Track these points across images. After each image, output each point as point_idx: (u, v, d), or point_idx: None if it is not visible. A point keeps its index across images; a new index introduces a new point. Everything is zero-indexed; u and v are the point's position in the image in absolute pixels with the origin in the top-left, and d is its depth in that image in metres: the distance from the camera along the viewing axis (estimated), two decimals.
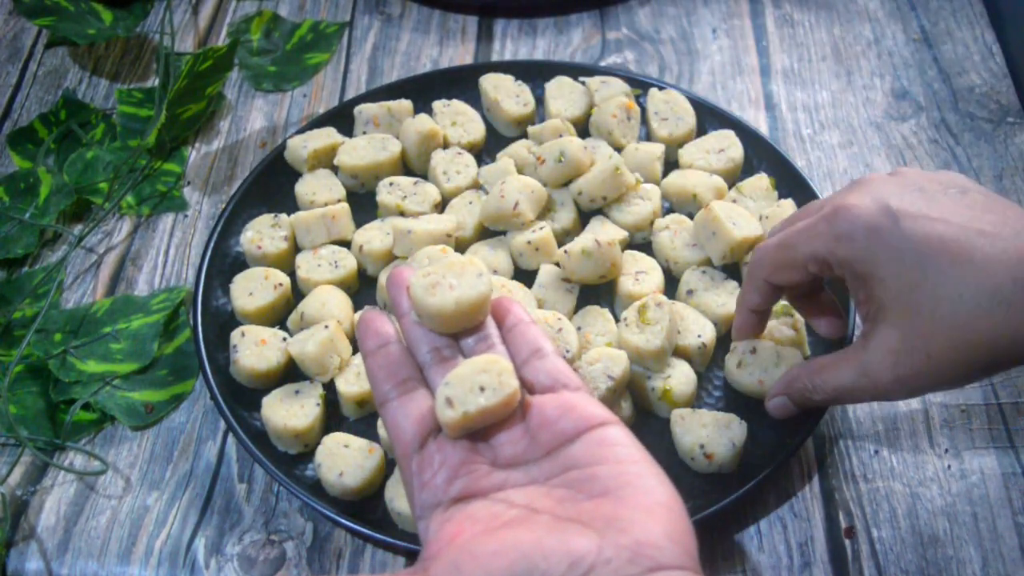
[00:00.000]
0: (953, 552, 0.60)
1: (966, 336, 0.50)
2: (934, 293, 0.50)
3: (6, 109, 0.88)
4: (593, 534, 0.44)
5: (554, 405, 0.50)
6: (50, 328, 0.72)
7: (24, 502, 0.64)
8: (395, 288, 0.55)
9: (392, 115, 0.80)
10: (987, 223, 0.50)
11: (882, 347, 0.53)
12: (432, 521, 0.48)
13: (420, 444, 0.50)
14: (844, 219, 0.53)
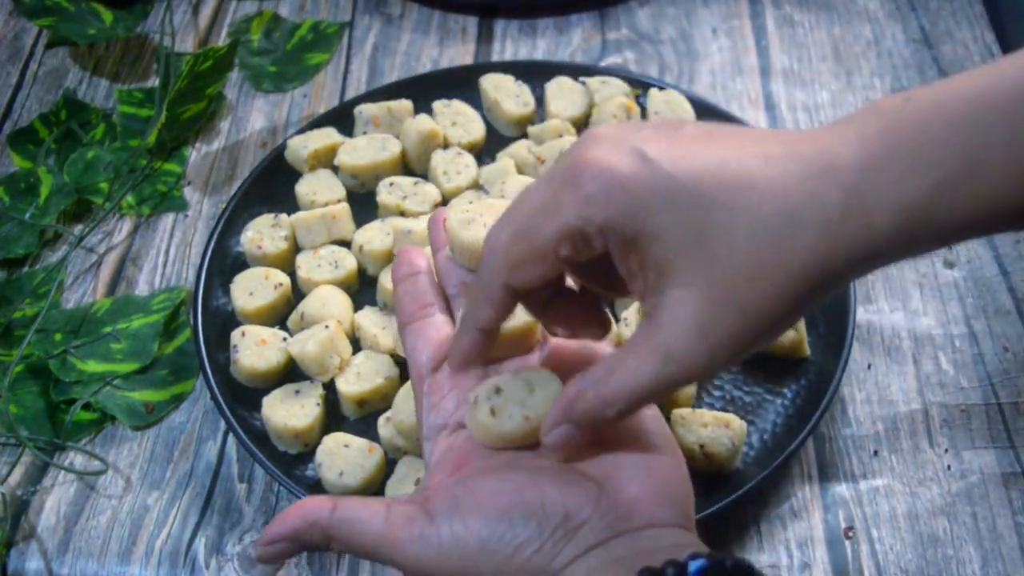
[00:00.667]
0: (953, 552, 0.60)
1: (776, 273, 0.41)
2: (727, 234, 0.41)
3: (6, 109, 0.88)
4: (593, 486, 0.44)
5: (573, 348, 0.50)
6: (50, 328, 0.72)
7: (24, 502, 0.64)
8: (434, 224, 0.55)
9: (392, 115, 0.80)
10: (750, 145, 0.42)
11: (680, 316, 0.41)
12: (437, 444, 0.48)
13: (434, 367, 0.50)
14: (591, 177, 0.42)
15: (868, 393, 0.68)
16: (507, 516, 0.43)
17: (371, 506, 0.45)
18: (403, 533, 0.44)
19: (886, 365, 0.69)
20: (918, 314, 0.72)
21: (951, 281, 0.73)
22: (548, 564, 0.43)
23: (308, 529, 0.44)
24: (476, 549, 0.43)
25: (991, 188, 0.39)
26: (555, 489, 0.44)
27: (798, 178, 0.41)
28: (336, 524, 0.44)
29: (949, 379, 0.68)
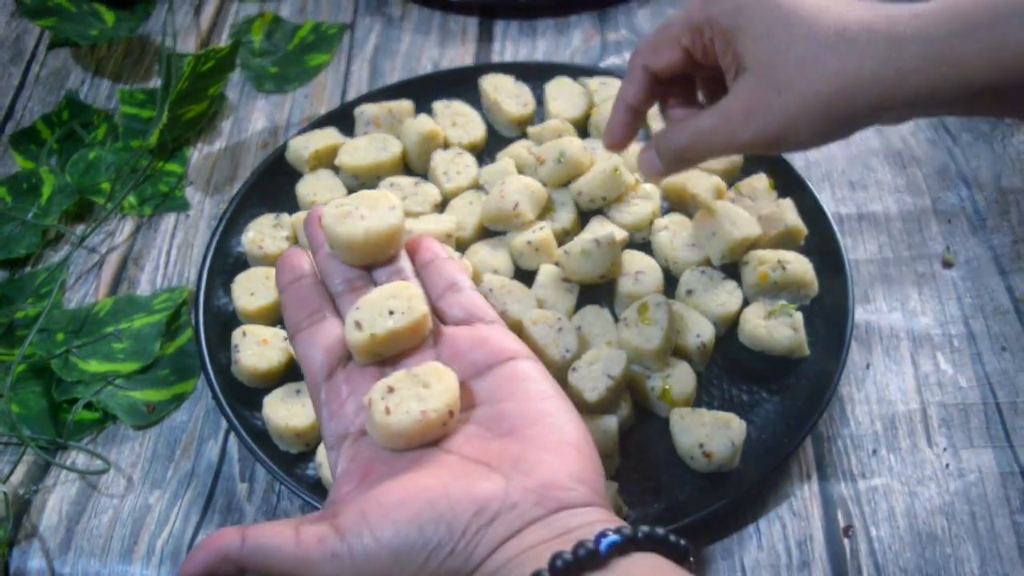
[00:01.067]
0: (951, 551, 0.60)
1: (814, 71, 0.51)
2: (789, 35, 0.51)
3: (9, 110, 0.89)
4: (499, 478, 0.44)
5: (467, 336, 0.51)
6: (52, 328, 0.72)
7: (26, 501, 0.64)
8: (310, 223, 0.55)
9: (393, 116, 0.80)
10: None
11: (739, 90, 0.54)
12: (342, 454, 0.48)
13: (328, 373, 0.50)
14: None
15: (867, 393, 0.68)
16: (416, 523, 0.43)
17: (280, 531, 0.45)
18: (316, 554, 0.43)
19: (884, 365, 0.69)
20: (916, 314, 0.72)
21: (949, 281, 0.74)
22: (463, 564, 0.43)
23: (221, 563, 0.44)
24: (390, 561, 0.43)
25: (1002, 41, 0.47)
26: (461, 487, 0.44)
27: (861, 10, 0.51)
28: (248, 555, 0.44)
29: (947, 379, 0.68)
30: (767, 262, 0.69)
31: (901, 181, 0.80)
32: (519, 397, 0.48)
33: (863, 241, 0.76)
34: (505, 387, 0.48)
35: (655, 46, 0.58)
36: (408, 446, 0.47)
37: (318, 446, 0.63)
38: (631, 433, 0.64)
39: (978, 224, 0.77)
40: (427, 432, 0.46)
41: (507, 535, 0.43)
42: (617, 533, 0.40)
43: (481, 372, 0.49)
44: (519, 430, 0.46)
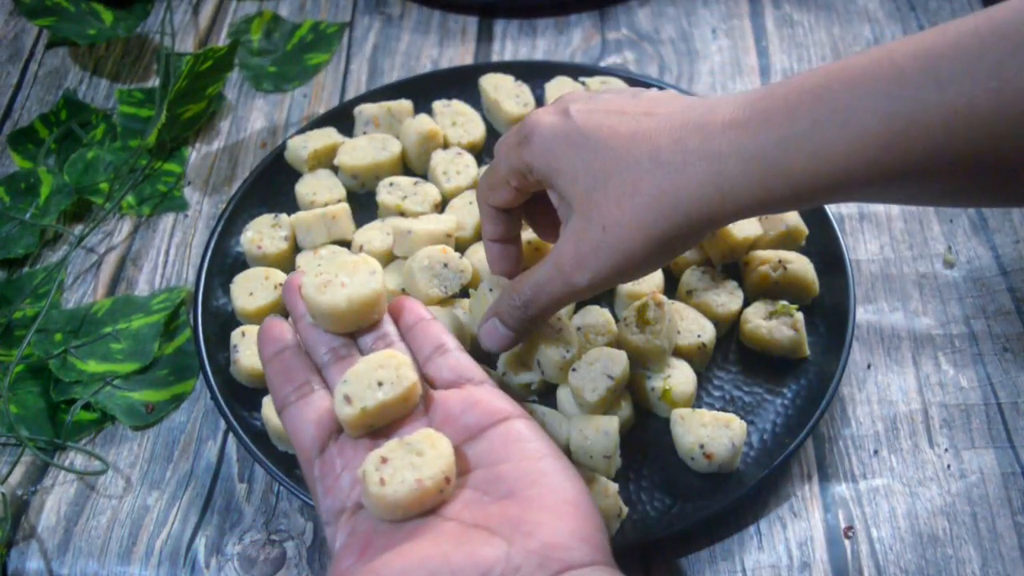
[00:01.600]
0: (952, 552, 0.60)
1: (634, 200, 0.49)
2: (604, 169, 0.50)
3: (7, 109, 0.89)
4: (500, 541, 0.43)
5: (457, 399, 0.50)
6: (51, 328, 0.72)
7: (24, 502, 0.64)
8: (289, 292, 0.55)
9: (392, 115, 0.80)
10: (660, 107, 0.52)
11: (567, 233, 0.53)
12: (339, 529, 0.47)
13: (321, 448, 0.50)
14: (527, 126, 0.54)
15: (868, 393, 0.68)
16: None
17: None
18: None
19: (886, 365, 0.69)
20: (918, 314, 0.72)
21: (951, 281, 0.73)
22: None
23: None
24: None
25: (827, 148, 0.45)
26: (462, 554, 0.43)
27: (672, 131, 0.50)
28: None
29: (949, 379, 0.68)
30: (767, 262, 0.69)
31: None
32: (515, 458, 0.47)
33: (864, 241, 0.76)
34: (500, 449, 0.48)
35: (490, 186, 0.58)
36: (406, 516, 0.46)
37: None
38: (631, 433, 0.64)
39: (980, 224, 0.77)
40: (424, 500, 0.46)
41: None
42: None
43: (474, 435, 0.49)
44: (517, 492, 0.46)
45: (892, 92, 0.43)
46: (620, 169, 0.50)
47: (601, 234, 0.50)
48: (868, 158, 0.44)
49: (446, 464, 0.46)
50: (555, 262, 0.53)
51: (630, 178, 0.49)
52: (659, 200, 0.49)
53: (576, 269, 0.52)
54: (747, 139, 0.47)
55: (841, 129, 0.45)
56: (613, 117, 0.52)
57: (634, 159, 0.50)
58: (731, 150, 0.47)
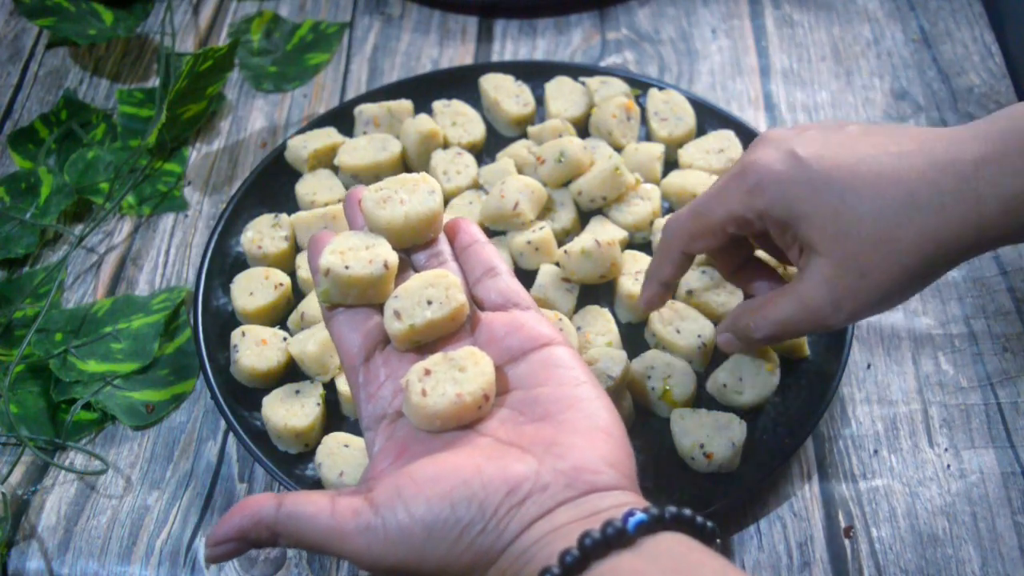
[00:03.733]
0: (952, 551, 0.60)
1: (894, 247, 0.50)
2: (855, 214, 0.51)
3: (7, 109, 0.88)
4: (532, 459, 0.44)
5: (503, 322, 0.51)
6: (51, 328, 0.72)
7: (25, 501, 0.64)
8: (350, 204, 0.55)
9: (392, 115, 0.80)
10: (891, 144, 0.52)
11: (816, 276, 0.53)
12: (379, 434, 0.49)
13: (366, 356, 0.51)
14: (753, 172, 0.53)
15: (868, 393, 0.68)
16: (448, 500, 0.43)
17: (316, 501, 0.45)
18: (350, 525, 0.44)
19: (886, 365, 0.69)
20: (918, 314, 0.72)
21: (951, 281, 0.73)
22: (494, 542, 0.43)
23: (254, 527, 0.45)
24: (422, 537, 0.43)
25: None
26: (494, 467, 0.44)
27: (922, 170, 0.50)
28: (283, 520, 0.45)
29: (949, 379, 0.68)
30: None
31: None
32: (553, 383, 0.48)
33: None
34: (539, 373, 0.49)
35: (694, 234, 0.57)
36: (444, 428, 0.47)
37: (317, 446, 0.63)
38: (631, 433, 0.64)
39: None
40: (462, 414, 0.47)
41: (538, 515, 0.43)
42: (644, 512, 0.41)
43: (516, 358, 0.50)
44: (552, 415, 0.47)
45: None
46: (874, 214, 0.50)
47: (859, 280, 0.52)
48: None
49: (486, 382, 0.47)
50: (803, 303, 0.54)
51: (886, 223, 0.50)
52: (920, 246, 0.50)
53: (834, 312, 0.53)
54: (1004, 178, 0.49)
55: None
56: (846, 155, 0.52)
57: (885, 202, 0.50)
58: (990, 191, 0.49)
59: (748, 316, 0.58)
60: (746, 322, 0.58)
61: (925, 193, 0.50)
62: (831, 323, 0.54)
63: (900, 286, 0.52)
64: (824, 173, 0.52)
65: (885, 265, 0.51)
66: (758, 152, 0.54)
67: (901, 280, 0.51)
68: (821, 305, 0.53)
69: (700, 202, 0.57)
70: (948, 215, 0.49)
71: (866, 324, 0.71)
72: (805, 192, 0.52)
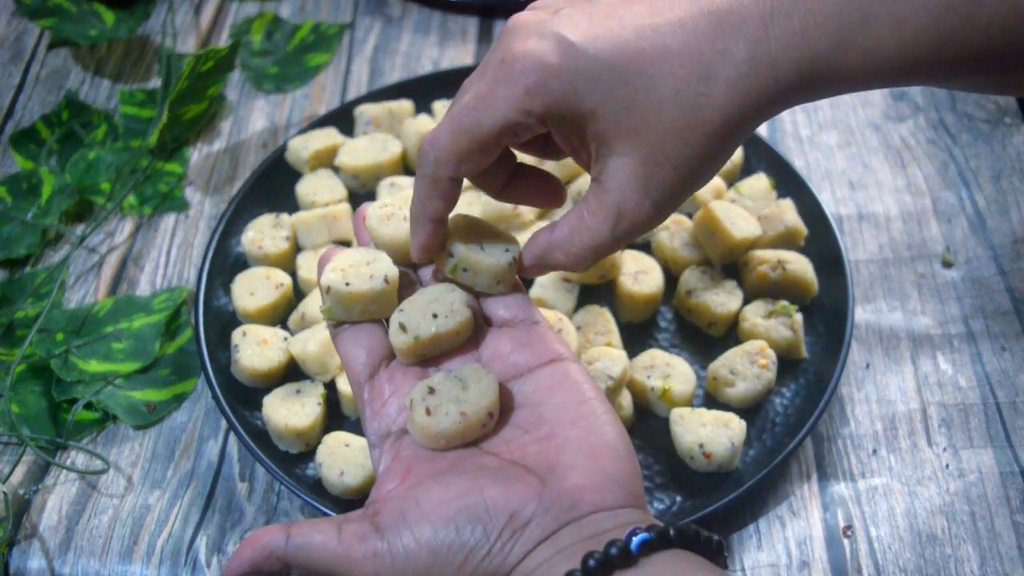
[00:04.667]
0: (951, 551, 0.60)
1: (700, 129, 0.46)
2: (651, 100, 0.46)
3: (8, 110, 0.89)
4: (535, 480, 0.44)
5: (509, 338, 0.51)
6: (52, 328, 0.72)
7: (26, 501, 0.64)
8: (358, 222, 0.55)
9: (393, 116, 0.80)
10: (663, 14, 0.46)
11: (624, 179, 0.47)
12: (384, 452, 0.49)
13: (371, 372, 0.51)
14: (523, 71, 0.46)
15: (867, 393, 0.68)
16: (453, 524, 0.43)
17: (323, 529, 0.45)
18: (357, 552, 0.44)
19: (884, 365, 0.69)
20: (916, 314, 0.72)
21: (949, 281, 0.74)
22: (500, 566, 0.43)
23: (266, 560, 0.45)
24: (428, 561, 0.43)
25: (880, 41, 0.43)
26: (497, 490, 0.44)
27: (709, 38, 0.45)
28: (292, 552, 0.45)
29: (947, 379, 0.68)
30: (767, 262, 0.69)
31: (901, 181, 0.80)
32: (558, 400, 0.48)
33: (863, 241, 0.76)
34: (545, 390, 0.48)
35: (462, 155, 0.48)
36: (448, 446, 0.47)
37: (318, 446, 0.63)
38: (631, 433, 0.64)
39: (978, 224, 0.77)
40: (466, 433, 0.47)
41: (541, 537, 0.43)
42: (649, 531, 0.41)
43: (522, 374, 0.49)
44: (557, 434, 0.46)
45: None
46: (670, 97, 0.45)
47: (674, 173, 0.46)
48: (921, 55, 0.44)
49: (490, 400, 0.47)
50: (620, 212, 0.48)
51: (686, 105, 0.45)
52: (723, 119, 0.46)
53: (654, 214, 0.48)
54: (795, 39, 0.44)
55: (896, 27, 0.43)
56: (623, 32, 0.46)
57: (680, 82, 0.45)
58: (784, 55, 0.45)
59: (558, 251, 0.50)
60: (558, 257, 0.50)
61: (719, 65, 0.45)
62: (652, 226, 0.49)
63: (712, 166, 0.48)
64: (607, 58, 0.45)
65: (694, 152, 0.46)
66: (519, 42, 0.46)
67: (711, 161, 0.47)
68: (640, 210, 0.47)
69: (461, 114, 0.47)
70: (746, 86, 0.45)
71: (865, 324, 0.71)
72: (590, 85, 0.46)
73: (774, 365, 0.65)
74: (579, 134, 0.48)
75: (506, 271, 0.51)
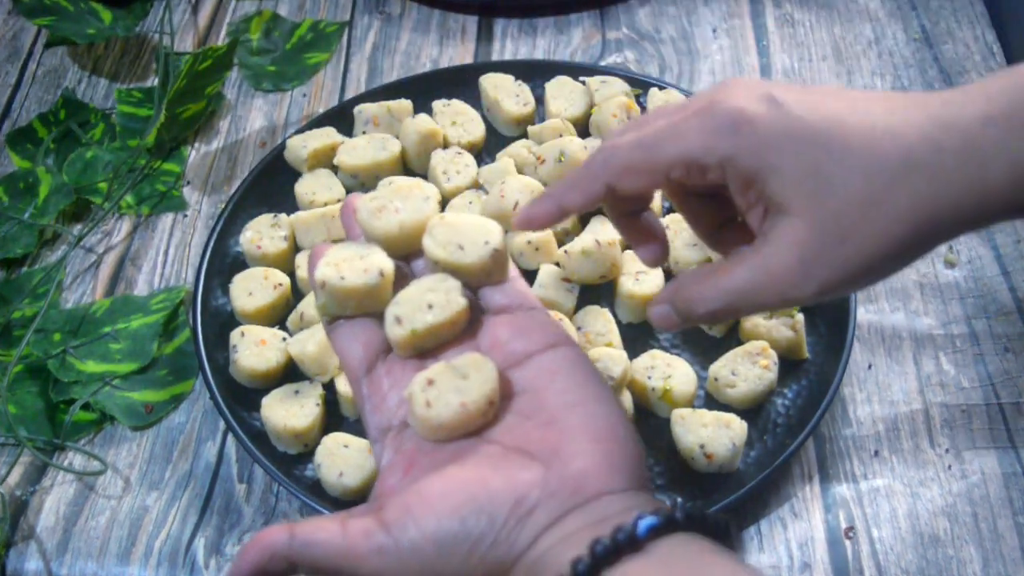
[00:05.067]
0: (954, 552, 0.60)
1: (884, 210, 0.43)
2: (841, 169, 0.44)
3: (5, 109, 0.88)
4: (538, 467, 0.44)
5: (507, 325, 0.50)
6: (49, 328, 0.71)
7: (23, 502, 0.64)
8: (346, 215, 0.54)
9: (392, 115, 0.80)
10: (875, 100, 0.45)
11: (785, 238, 0.45)
12: (386, 446, 0.48)
13: (369, 367, 0.50)
14: (722, 112, 0.45)
15: (869, 393, 0.68)
16: (458, 515, 0.43)
17: (327, 526, 0.45)
18: (362, 548, 0.44)
19: (887, 365, 0.69)
20: (919, 314, 0.71)
21: (952, 281, 0.73)
22: (506, 554, 0.43)
23: (271, 560, 0.45)
24: (434, 553, 0.43)
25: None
26: (500, 479, 0.44)
27: (920, 126, 0.43)
28: (297, 550, 0.45)
29: (950, 379, 0.68)
30: None
31: None
32: (559, 385, 0.47)
33: None
34: (545, 375, 0.48)
35: (631, 167, 0.48)
36: (450, 437, 0.47)
37: (316, 447, 0.62)
38: None
39: None
40: (467, 423, 0.47)
41: (547, 523, 0.43)
42: (655, 515, 0.41)
43: (521, 361, 0.49)
44: (558, 419, 0.46)
45: None
46: (864, 171, 0.43)
47: (838, 246, 0.44)
48: None
49: (490, 389, 0.47)
50: (767, 271, 0.45)
51: (878, 184, 0.43)
52: (914, 212, 0.43)
53: (803, 280, 0.45)
54: (1013, 141, 0.42)
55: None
56: (834, 105, 0.44)
57: (878, 159, 0.43)
58: (996, 152, 0.42)
59: (694, 286, 0.49)
60: (690, 293, 0.49)
61: (924, 150, 0.43)
62: (796, 295, 0.46)
63: (884, 257, 0.45)
64: (807, 121, 0.44)
65: (871, 230, 0.44)
66: (727, 91, 0.46)
67: (887, 250, 0.44)
68: (787, 273, 0.45)
69: (649, 135, 0.47)
70: (949, 178, 0.43)
71: (867, 324, 0.71)
72: (782, 141, 0.44)
73: (775, 366, 0.65)
74: (758, 190, 0.46)
75: (489, 263, 0.50)
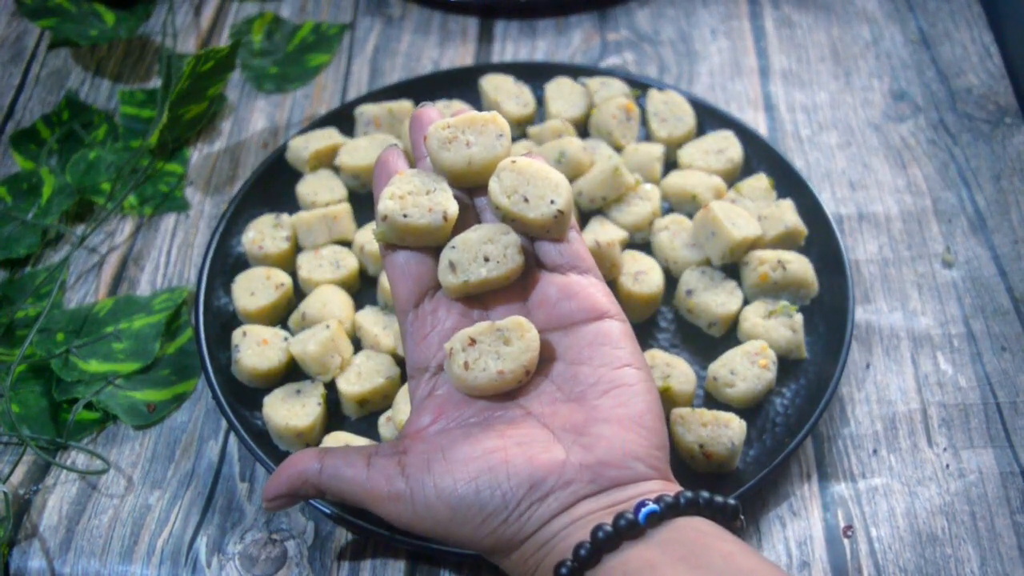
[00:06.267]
0: (951, 551, 0.60)
1: None
2: None
3: (9, 110, 0.89)
4: (560, 450, 0.45)
5: (559, 285, 0.50)
6: (52, 328, 0.72)
7: (26, 501, 0.64)
8: (416, 130, 0.53)
9: (393, 116, 0.80)
10: None
11: None
12: (419, 387, 0.50)
13: (417, 301, 0.51)
14: None
15: (867, 393, 0.68)
16: (474, 484, 0.45)
17: (354, 462, 0.48)
18: (383, 491, 0.47)
19: (885, 365, 0.69)
20: (916, 314, 0.72)
21: (949, 281, 0.74)
22: (516, 533, 0.44)
23: (303, 485, 0.49)
24: (447, 515, 0.45)
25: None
26: (522, 458, 0.45)
27: None
28: (325, 481, 0.49)
29: (947, 379, 0.68)
30: (767, 262, 0.69)
31: (901, 181, 0.80)
32: (596, 362, 0.48)
33: (863, 241, 0.76)
34: (585, 348, 0.48)
35: None
36: (483, 397, 0.48)
37: (318, 446, 0.63)
38: None
39: (978, 224, 0.77)
40: (501, 389, 0.48)
41: (559, 510, 0.44)
42: (657, 502, 0.42)
43: (565, 327, 0.49)
44: (588, 398, 0.47)
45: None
46: None
47: None
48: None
49: (529, 359, 0.47)
50: None
51: None
52: None
53: None
54: None
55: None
56: None
57: None
58: None
59: None
60: None
61: None
62: None
63: None
64: None
65: None
66: None
67: None
68: None
69: None
70: None
71: (865, 324, 0.71)
72: None
73: (774, 365, 0.65)
74: None
75: (551, 222, 0.49)
